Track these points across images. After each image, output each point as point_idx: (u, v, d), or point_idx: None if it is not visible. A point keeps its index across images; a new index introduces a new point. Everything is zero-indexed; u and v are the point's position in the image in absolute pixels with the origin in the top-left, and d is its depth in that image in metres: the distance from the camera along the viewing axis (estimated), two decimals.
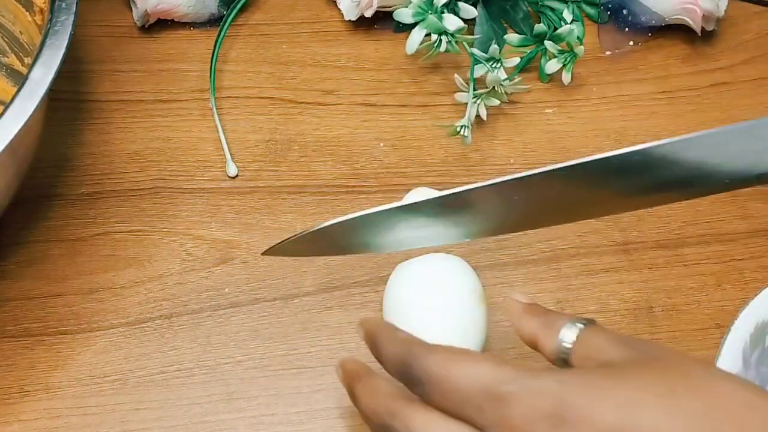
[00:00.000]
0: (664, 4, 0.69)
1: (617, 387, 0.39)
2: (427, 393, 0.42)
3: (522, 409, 0.39)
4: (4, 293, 0.59)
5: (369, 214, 0.51)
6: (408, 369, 0.43)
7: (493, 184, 0.49)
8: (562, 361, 0.44)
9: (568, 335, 0.44)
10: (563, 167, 0.48)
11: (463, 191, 0.49)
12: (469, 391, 0.41)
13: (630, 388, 0.39)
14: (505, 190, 0.49)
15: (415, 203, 0.51)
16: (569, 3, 0.70)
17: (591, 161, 0.47)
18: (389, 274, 0.55)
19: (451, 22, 0.65)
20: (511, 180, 0.48)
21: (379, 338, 0.46)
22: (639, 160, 0.47)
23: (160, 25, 0.70)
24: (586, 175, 0.48)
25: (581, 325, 0.44)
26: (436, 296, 0.52)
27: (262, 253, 0.56)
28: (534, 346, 0.46)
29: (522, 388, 0.40)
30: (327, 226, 0.52)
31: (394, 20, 0.67)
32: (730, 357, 0.54)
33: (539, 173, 0.48)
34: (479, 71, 0.65)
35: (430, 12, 0.65)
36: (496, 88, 0.65)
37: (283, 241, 0.54)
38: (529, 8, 0.71)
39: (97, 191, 0.63)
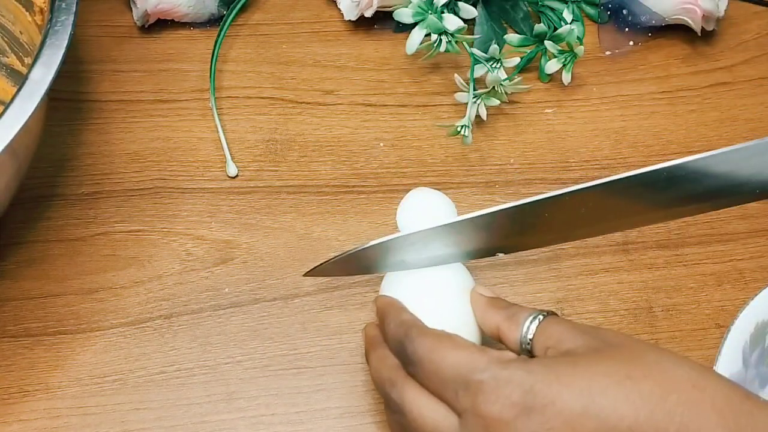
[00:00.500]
0: (664, 4, 0.69)
1: (579, 374, 0.43)
2: (416, 373, 0.46)
3: (492, 397, 0.43)
4: (4, 293, 0.59)
5: (410, 234, 0.52)
6: (403, 349, 0.47)
7: (527, 203, 0.51)
8: (526, 351, 0.47)
9: (530, 327, 0.47)
10: (601, 184, 0.50)
11: (500, 210, 0.52)
12: (447, 376, 0.45)
13: (591, 375, 0.43)
14: (537, 209, 0.52)
15: (456, 222, 0.52)
16: (569, 3, 0.70)
17: (624, 178, 0.50)
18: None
19: (451, 22, 0.65)
20: (545, 199, 0.51)
21: (387, 317, 0.49)
22: (673, 175, 0.50)
23: (160, 25, 0.70)
24: (621, 191, 0.51)
25: (542, 317, 0.47)
26: (429, 296, 0.52)
27: (304, 275, 0.57)
28: (497, 337, 0.49)
29: (492, 377, 0.43)
30: (370, 247, 0.53)
31: (394, 20, 0.67)
32: (730, 357, 0.54)
33: (573, 191, 0.50)
34: (479, 71, 0.65)
35: (430, 12, 0.65)
36: (496, 88, 0.65)
37: (325, 262, 0.55)
38: (529, 8, 0.72)
39: (97, 191, 0.63)
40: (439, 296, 0.52)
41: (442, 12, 0.65)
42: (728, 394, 0.43)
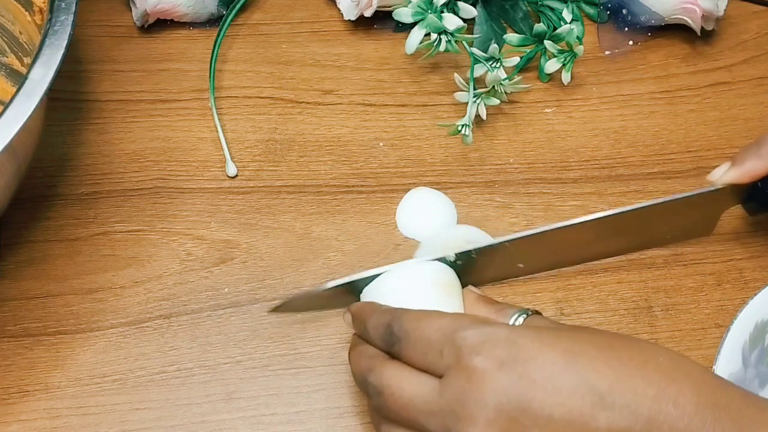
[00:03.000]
0: (664, 3, 0.69)
1: (563, 338, 0.45)
2: (402, 348, 0.47)
3: (476, 349, 0.44)
4: (4, 293, 0.59)
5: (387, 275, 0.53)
6: (389, 329, 0.48)
7: (507, 240, 0.55)
8: None
9: (517, 321, 0.49)
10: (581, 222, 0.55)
11: (481, 248, 0.55)
12: (432, 338, 0.46)
13: (574, 340, 0.45)
14: (522, 245, 0.55)
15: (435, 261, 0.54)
16: (569, 3, 0.70)
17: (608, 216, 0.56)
18: None
19: (451, 22, 0.65)
20: (532, 234, 0.55)
21: (366, 313, 0.50)
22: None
23: (160, 25, 0.70)
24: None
25: (529, 314, 0.50)
26: (411, 296, 0.52)
27: (269, 311, 0.57)
28: None
29: (477, 333, 0.45)
30: (339, 285, 0.54)
31: (394, 20, 0.67)
32: (729, 356, 0.54)
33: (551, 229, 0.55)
34: (479, 71, 0.65)
35: (429, 11, 0.65)
36: (495, 87, 0.65)
37: (291, 299, 0.56)
38: (529, 8, 0.71)
39: (97, 191, 0.63)
40: (422, 294, 0.52)
41: (442, 11, 0.65)
42: (703, 372, 0.45)
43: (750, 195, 0.58)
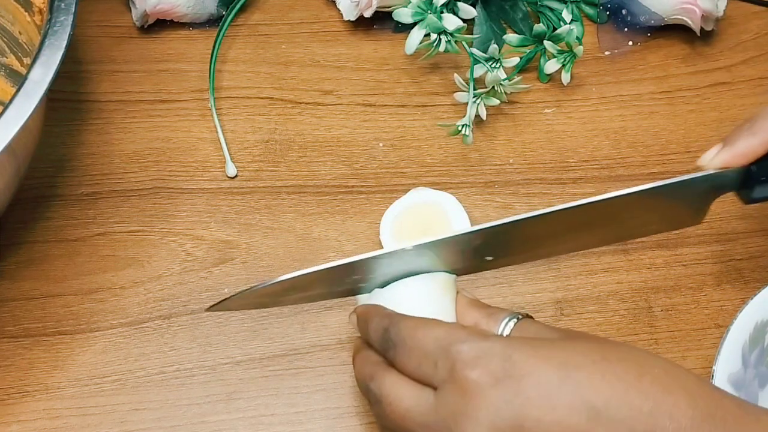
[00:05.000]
0: (663, 4, 0.69)
1: (557, 351, 0.44)
2: (398, 355, 0.47)
3: (470, 364, 0.44)
4: (4, 293, 0.59)
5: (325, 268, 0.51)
6: (386, 334, 0.47)
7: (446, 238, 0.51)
8: None
9: (508, 324, 0.48)
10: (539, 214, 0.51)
11: (395, 251, 0.51)
12: (427, 349, 0.45)
13: (568, 353, 0.44)
14: (485, 237, 0.52)
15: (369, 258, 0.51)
16: (568, 3, 0.70)
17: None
18: None
19: (451, 22, 0.65)
20: (478, 230, 0.51)
21: (369, 315, 0.50)
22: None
23: (159, 25, 0.70)
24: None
25: (520, 317, 0.49)
26: (408, 304, 0.51)
27: (206, 310, 0.55)
28: None
29: (472, 347, 0.44)
30: (283, 280, 0.51)
31: (394, 20, 0.67)
32: (729, 356, 0.54)
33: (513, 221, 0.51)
34: (479, 71, 0.65)
35: (429, 12, 0.65)
36: (495, 87, 0.65)
37: (231, 297, 0.53)
38: (529, 8, 0.71)
39: (97, 191, 0.63)
40: (418, 303, 0.51)
41: (442, 12, 0.65)
42: (698, 383, 0.44)
43: (744, 181, 0.52)
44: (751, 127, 0.52)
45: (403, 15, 0.65)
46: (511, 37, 0.68)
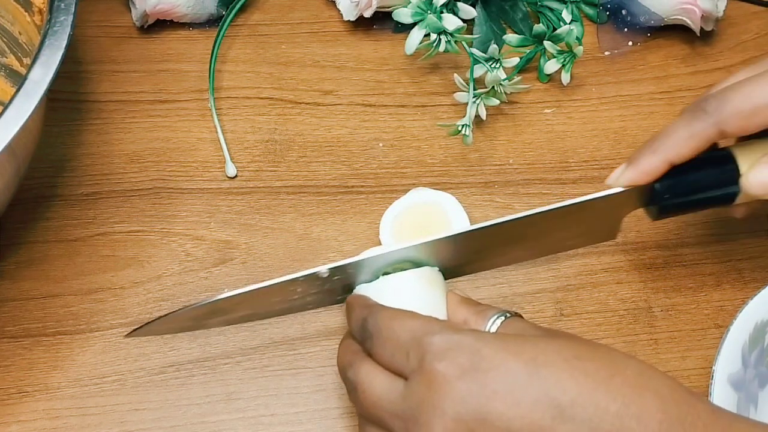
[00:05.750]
0: (663, 4, 0.69)
1: (528, 347, 0.44)
2: (374, 345, 0.47)
3: (439, 356, 0.44)
4: (3, 293, 0.59)
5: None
6: (364, 324, 0.48)
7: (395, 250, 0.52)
8: None
9: (496, 321, 0.49)
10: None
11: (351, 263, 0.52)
12: (401, 340, 0.46)
13: (539, 349, 0.44)
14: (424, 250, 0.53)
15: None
16: (568, 3, 0.70)
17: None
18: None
19: (451, 22, 0.65)
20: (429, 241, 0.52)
21: (353, 305, 0.51)
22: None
23: (159, 25, 0.70)
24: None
25: (508, 315, 0.49)
26: (398, 297, 0.52)
27: (126, 336, 0.55)
28: None
29: (443, 339, 0.45)
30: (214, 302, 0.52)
31: (394, 20, 0.67)
32: (729, 357, 0.54)
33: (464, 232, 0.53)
34: (478, 71, 0.65)
35: (429, 12, 0.65)
36: (495, 88, 0.65)
37: (152, 321, 0.54)
38: (528, 8, 0.72)
39: (96, 192, 0.63)
40: (403, 297, 0.51)
41: (441, 12, 0.65)
42: (672, 386, 0.44)
43: (650, 198, 0.54)
44: (651, 146, 0.53)
45: (403, 15, 0.65)
46: (511, 37, 0.68)
